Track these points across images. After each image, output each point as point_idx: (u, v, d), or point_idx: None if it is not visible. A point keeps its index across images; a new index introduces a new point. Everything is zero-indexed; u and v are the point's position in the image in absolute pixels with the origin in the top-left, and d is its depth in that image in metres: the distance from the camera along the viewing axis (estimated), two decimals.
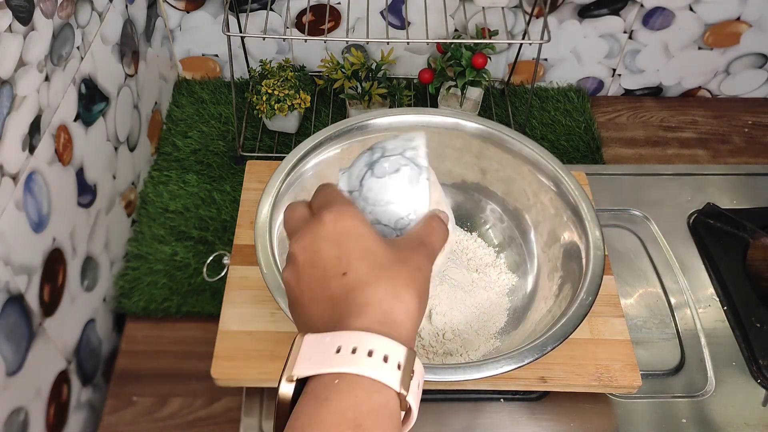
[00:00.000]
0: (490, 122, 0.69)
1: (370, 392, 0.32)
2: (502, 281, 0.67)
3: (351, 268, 0.37)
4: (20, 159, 0.57)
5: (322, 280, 0.37)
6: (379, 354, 0.33)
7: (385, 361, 0.33)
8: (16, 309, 0.57)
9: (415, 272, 0.37)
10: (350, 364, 0.33)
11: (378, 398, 0.33)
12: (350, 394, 0.32)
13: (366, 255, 0.37)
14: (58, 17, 0.64)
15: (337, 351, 0.33)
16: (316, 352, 0.34)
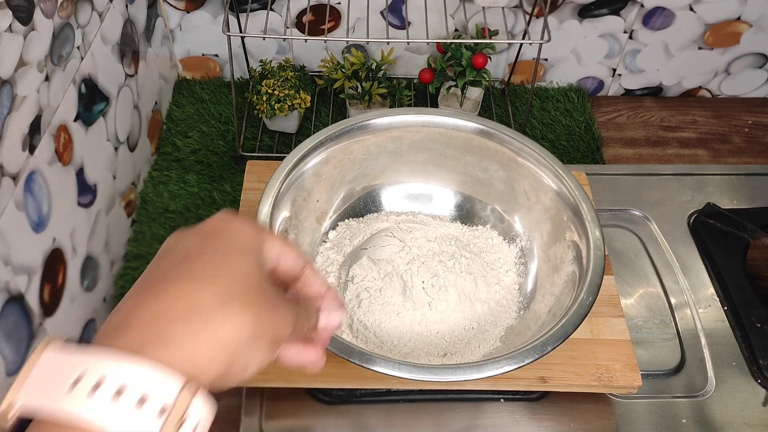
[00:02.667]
0: (490, 122, 0.68)
1: None
2: (506, 281, 0.67)
3: (193, 258, 0.29)
4: (20, 159, 0.57)
5: (158, 263, 0.30)
6: (131, 393, 0.24)
7: (139, 405, 0.24)
8: (16, 309, 0.57)
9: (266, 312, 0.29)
10: (81, 409, 0.23)
11: None
12: None
13: (221, 260, 0.29)
14: (58, 17, 0.64)
15: (74, 383, 0.24)
16: (51, 377, 0.25)
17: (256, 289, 0.29)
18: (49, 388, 0.24)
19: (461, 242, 0.69)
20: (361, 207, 0.73)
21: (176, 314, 0.26)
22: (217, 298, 0.27)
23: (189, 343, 0.26)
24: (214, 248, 0.30)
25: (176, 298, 0.27)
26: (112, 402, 0.24)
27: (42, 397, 0.24)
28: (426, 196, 0.74)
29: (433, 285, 0.62)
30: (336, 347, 0.52)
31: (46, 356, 0.25)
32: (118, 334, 0.26)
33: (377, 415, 0.63)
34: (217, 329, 0.26)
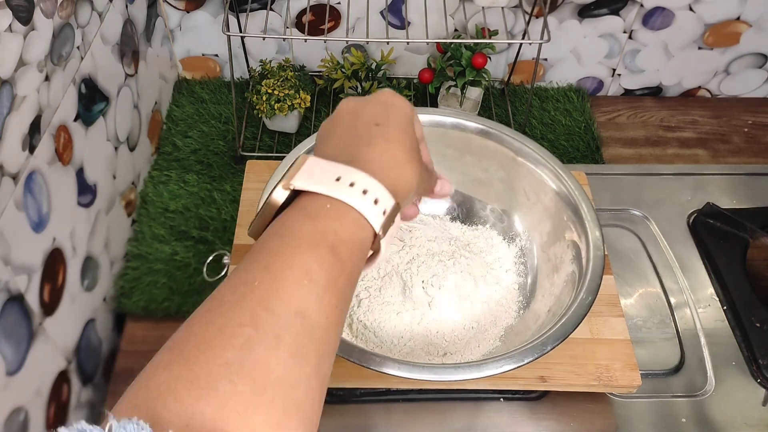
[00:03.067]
0: (490, 122, 0.69)
1: (354, 225, 0.35)
2: (506, 281, 0.67)
3: (384, 124, 0.40)
4: (20, 159, 0.58)
5: (354, 122, 0.41)
6: (372, 195, 0.36)
7: (375, 203, 0.36)
8: (16, 309, 0.57)
9: (422, 171, 0.41)
10: (345, 195, 0.35)
11: (359, 232, 0.35)
12: (337, 220, 0.34)
13: (400, 128, 0.40)
14: (58, 17, 0.64)
15: (336, 179, 0.35)
16: (318, 174, 0.36)
17: (418, 153, 0.41)
18: (318, 180, 0.35)
19: (461, 242, 0.69)
20: None
21: (386, 161, 0.38)
22: (406, 156, 0.40)
23: (394, 177, 0.38)
24: (395, 119, 0.41)
25: (384, 151, 0.39)
26: (362, 195, 0.35)
27: (315, 184, 0.35)
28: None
29: (433, 284, 0.62)
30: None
31: (311, 161, 0.37)
32: (350, 161, 0.37)
33: (377, 414, 0.63)
34: (407, 176, 0.39)
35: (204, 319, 0.30)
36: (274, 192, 0.36)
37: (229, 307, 0.31)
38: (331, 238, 0.34)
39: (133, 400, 0.27)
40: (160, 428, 0.25)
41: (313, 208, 0.35)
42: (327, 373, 0.33)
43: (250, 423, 0.27)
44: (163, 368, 0.28)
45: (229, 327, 0.29)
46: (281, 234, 0.34)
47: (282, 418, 0.28)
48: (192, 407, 0.26)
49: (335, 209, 0.35)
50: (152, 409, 0.26)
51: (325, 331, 0.32)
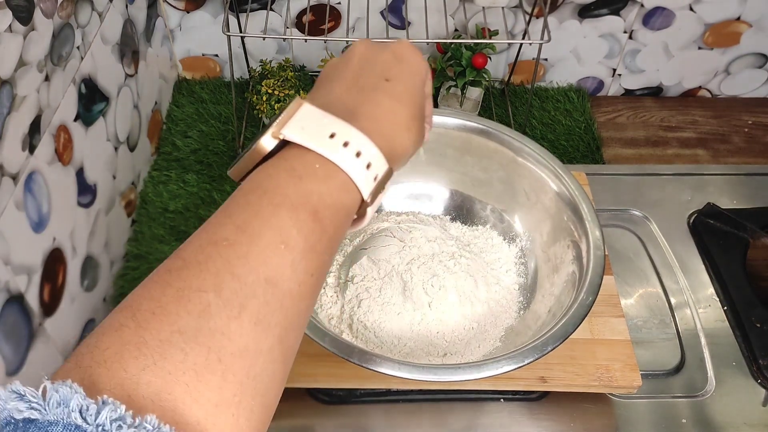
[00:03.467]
0: (490, 122, 0.68)
1: (342, 189, 0.33)
2: (506, 282, 0.67)
3: (394, 80, 0.38)
4: (20, 159, 0.57)
5: (362, 71, 0.38)
6: (365, 158, 0.33)
7: (367, 167, 0.34)
8: (16, 309, 0.57)
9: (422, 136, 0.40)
10: (337, 156, 0.33)
11: (345, 197, 0.33)
12: (324, 182, 0.32)
13: (410, 88, 0.39)
14: (58, 17, 0.64)
15: (330, 136, 0.33)
16: (311, 126, 0.34)
17: (422, 117, 0.40)
18: (311, 134, 0.33)
19: (461, 242, 0.69)
20: None
21: (388, 123, 0.36)
22: (410, 120, 0.38)
23: (392, 141, 0.36)
24: (406, 77, 0.39)
25: (388, 112, 0.37)
26: (355, 158, 0.33)
27: (307, 139, 0.33)
28: (426, 196, 0.74)
29: (433, 285, 0.62)
30: (336, 347, 0.52)
31: (306, 109, 0.34)
32: (350, 118, 0.35)
33: (377, 415, 0.63)
34: (406, 141, 0.37)
35: (162, 280, 0.28)
36: (262, 138, 0.33)
37: (192, 268, 0.28)
38: (314, 201, 0.31)
39: (79, 362, 0.25)
40: (95, 395, 0.23)
41: (300, 167, 0.32)
42: (293, 345, 0.31)
43: (198, 397, 0.25)
44: (113, 330, 0.26)
45: (188, 291, 0.27)
46: (263, 189, 0.31)
47: (237, 391, 0.26)
48: (137, 376, 0.24)
49: (324, 171, 0.32)
50: (95, 375, 0.25)
51: (297, 300, 0.30)
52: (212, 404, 0.25)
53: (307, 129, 0.33)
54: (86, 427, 0.22)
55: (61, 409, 0.22)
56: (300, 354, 0.64)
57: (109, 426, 0.22)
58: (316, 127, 0.33)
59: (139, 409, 0.24)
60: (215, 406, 0.25)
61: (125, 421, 0.22)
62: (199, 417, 0.25)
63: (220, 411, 0.25)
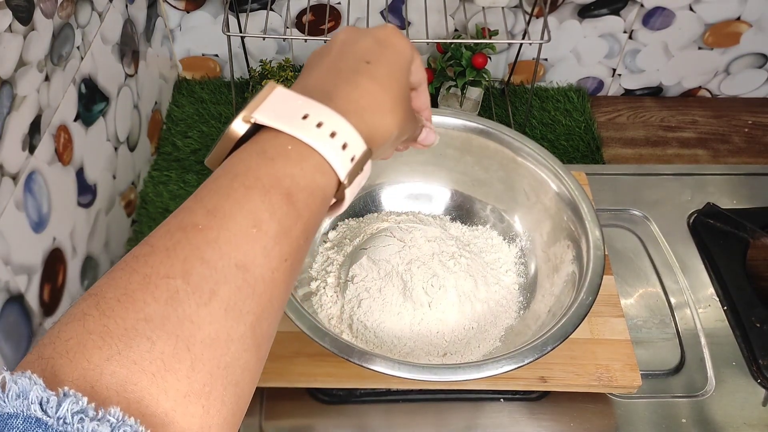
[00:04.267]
0: (490, 122, 0.69)
1: (316, 170, 0.32)
2: (506, 281, 0.67)
3: (375, 63, 0.37)
4: (20, 159, 0.57)
5: (342, 55, 0.38)
6: (340, 139, 0.32)
7: (343, 148, 0.33)
8: (16, 309, 0.57)
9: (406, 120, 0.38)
10: (310, 136, 0.32)
11: (320, 179, 0.32)
12: (297, 164, 0.31)
13: (392, 71, 0.38)
14: (58, 17, 0.64)
15: (303, 117, 0.32)
16: (283, 108, 0.33)
17: (407, 101, 0.39)
18: (283, 116, 0.32)
19: (461, 242, 0.69)
20: (361, 207, 0.73)
21: (366, 104, 0.35)
22: (392, 101, 0.37)
23: (372, 123, 0.35)
24: (388, 59, 0.38)
25: (366, 93, 0.36)
26: (329, 138, 0.32)
27: (278, 120, 0.32)
28: (426, 196, 0.74)
29: (433, 285, 0.62)
30: (336, 347, 0.52)
31: (279, 91, 0.34)
32: (326, 99, 0.34)
33: (377, 414, 0.63)
34: (387, 124, 0.36)
35: (129, 267, 0.27)
36: (233, 123, 0.33)
37: (159, 254, 0.27)
38: (288, 183, 0.30)
39: (41, 353, 0.24)
40: (56, 386, 0.22)
41: (272, 149, 0.31)
42: (267, 333, 0.30)
43: (166, 387, 0.24)
44: (76, 320, 0.25)
45: (155, 277, 0.26)
46: (234, 172, 0.30)
47: (206, 381, 0.25)
48: (101, 367, 0.23)
49: (297, 152, 0.31)
50: (57, 366, 0.24)
51: (270, 286, 0.29)
52: (181, 395, 0.24)
53: (278, 111, 0.32)
54: (47, 419, 0.21)
55: (20, 401, 0.22)
56: (300, 354, 0.64)
57: (71, 419, 0.21)
58: (289, 109, 0.33)
59: (103, 400, 0.23)
60: (184, 397, 0.24)
61: (87, 414, 0.22)
62: (166, 408, 0.24)
63: (190, 401, 0.25)
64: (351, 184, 0.34)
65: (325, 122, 0.32)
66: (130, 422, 0.22)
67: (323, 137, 0.32)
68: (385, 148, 0.38)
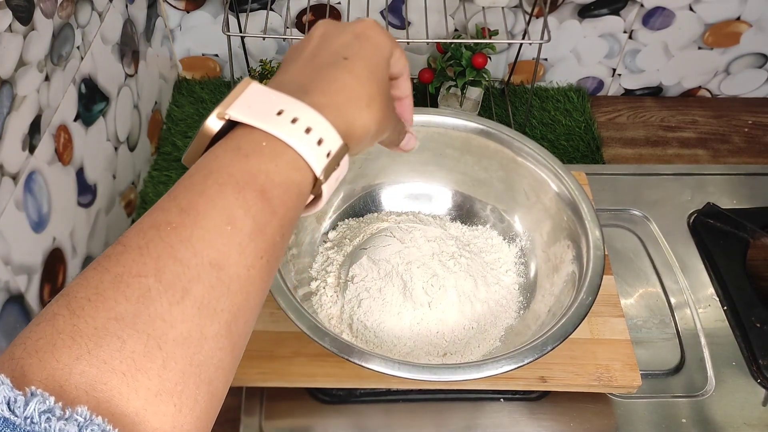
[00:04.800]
0: (490, 122, 0.69)
1: (291, 166, 0.31)
2: (506, 281, 0.67)
3: (353, 58, 0.37)
4: (20, 159, 0.57)
5: (320, 50, 0.37)
6: (315, 134, 0.32)
7: (318, 143, 0.32)
8: (16, 309, 0.57)
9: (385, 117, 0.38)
10: (284, 132, 0.31)
11: (296, 175, 0.32)
12: (271, 160, 0.31)
13: (370, 65, 0.37)
14: (58, 17, 0.64)
15: (278, 113, 0.32)
16: (258, 104, 0.32)
17: (385, 95, 0.38)
18: (257, 112, 0.32)
19: (461, 242, 0.69)
20: (361, 207, 0.73)
21: (343, 99, 0.35)
22: (369, 95, 0.36)
23: (349, 118, 0.35)
24: (365, 54, 0.37)
25: (343, 88, 0.35)
26: (304, 134, 0.32)
27: (252, 116, 0.32)
28: (426, 196, 0.74)
29: (433, 285, 0.62)
30: (336, 347, 0.52)
31: (253, 87, 0.33)
32: (302, 94, 0.33)
33: (377, 414, 0.63)
34: (364, 118, 0.36)
35: (101, 267, 0.27)
36: (208, 119, 0.32)
37: (132, 253, 0.27)
38: (262, 179, 0.30)
39: (12, 354, 0.24)
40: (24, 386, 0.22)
41: (246, 145, 0.31)
42: (243, 332, 0.29)
43: (136, 387, 0.24)
44: (46, 320, 0.25)
45: (127, 276, 0.26)
46: (208, 169, 0.30)
47: (179, 380, 0.25)
48: (70, 366, 0.23)
49: (271, 149, 0.31)
50: (26, 366, 0.23)
51: (246, 284, 0.29)
52: (152, 393, 0.24)
53: (253, 107, 0.32)
54: (14, 419, 0.21)
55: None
56: (300, 354, 0.64)
57: (38, 418, 0.21)
58: (263, 104, 0.32)
59: (72, 400, 0.23)
60: (155, 396, 0.24)
61: (54, 413, 0.22)
62: (137, 407, 0.24)
63: (161, 400, 0.25)
64: (327, 179, 0.34)
65: (300, 118, 0.32)
66: (97, 421, 0.22)
67: (298, 133, 0.32)
68: (364, 144, 0.37)
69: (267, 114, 0.32)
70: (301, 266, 0.66)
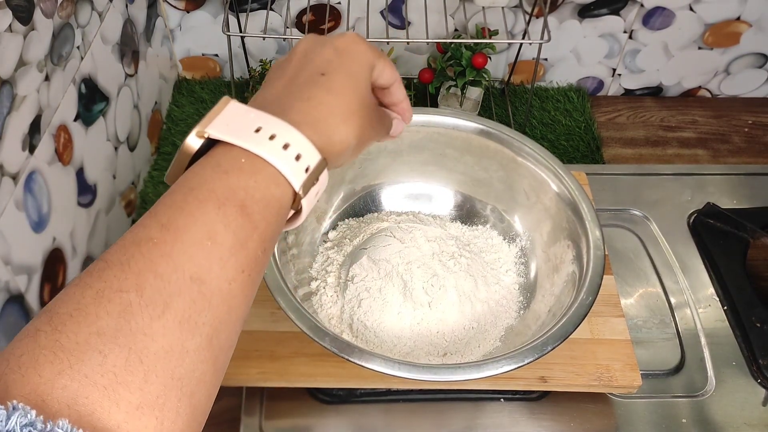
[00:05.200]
0: (490, 122, 0.69)
1: (270, 182, 0.32)
2: (506, 281, 0.67)
3: (331, 74, 0.37)
4: (20, 159, 0.57)
5: (300, 68, 0.38)
6: (293, 150, 0.33)
7: (296, 159, 0.33)
8: (16, 309, 0.57)
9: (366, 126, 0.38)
10: (263, 149, 0.32)
11: (275, 190, 0.32)
12: (251, 176, 0.32)
13: (350, 79, 0.38)
14: (58, 17, 0.64)
15: (256, 130, 0.33)
16: (237, 122, 0.33)
17: (366, 108, 0.38)
18: (235, 129, 0.33)
19: (461, 242, 0.69)
20: (361, 207, 0.73)
21: (320, 115, 0.36)
22: (347, 111, 0.37)
23: (327, 133, 0.35)
24: (345, 69, 0.38)
25: (320, 104, 0.36)
26: (282, 150, 0.33)
27: (231, 134, 0.33)
28: (426, 196, 0.74)
29: (433, 285, 0.62)
30: (336, 347, 0.52)
31: (232, 106, 0.34)
32: (280, 112, 0.34)
33: (377, 414, 0.63)
34: (342, 133, 0.36)
35: (83, 283, 0.27)
36: (188, 138, 0.33)
37: (113, 269, 0.27)
38: (242, 195, 0.31)
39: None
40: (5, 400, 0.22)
41: (225, 162, 0.32)
42: (225, 345, 0.30)
43: (118, 400, 0.24)
44: (29, 336, 0.25)
45: (108, 291, 0.26)
46: (189, 186, 0.31)
47: (160, 394, 0.26)
48: (52, 381, 0.24)
49: (250, 165, 0.32)
50: (9, 381, 0.24)
51: (227, 298, 0.29)
52: (133, 407, 0.25)
53: (231, 125, 0.33)
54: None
55: None
56: (300, 354, 0.64)
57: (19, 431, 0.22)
58: (242, 122, 0.33)
59: (53, 414, 0.23)
60: (137, 409, 0.25)
61: (35, 427, 0.22)
62: (118, 420, 0.24)
63: (143, 413, 0.25)
64: (307, 194, 0.34)
65: (278, 134, 0.33)
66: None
67: (276, 149, 0.32)
68: (345, 157, 0.38)
69: (245, 131, 0.33)
70: (301, 266, 0.66)
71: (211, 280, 0.29)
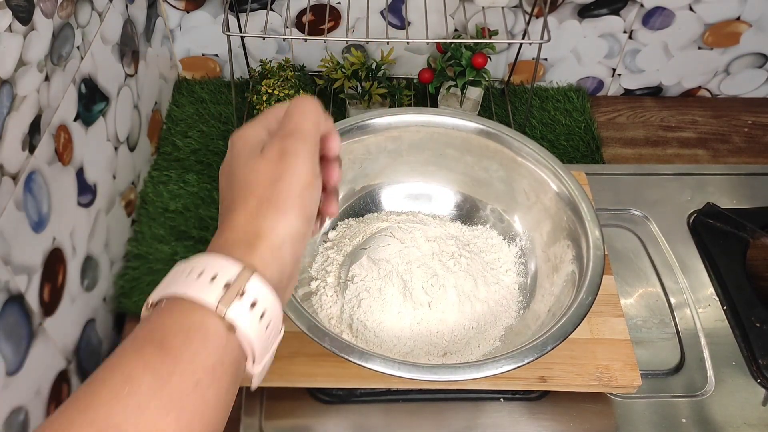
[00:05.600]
0: (489, 122, 0.69)
1: (185, 312, 0.32)
2: (506, 281, 0.67)
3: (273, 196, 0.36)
4: (20, 159, 0.58)
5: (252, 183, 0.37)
6: (207, 274, 0.33)
7: (211, 280, 0.33)
8: (16, 309, 0.57)
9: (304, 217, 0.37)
10: (177, 286, 0.33)
11: (192, 317, 0.32)
12: (164, 313, 0.32)
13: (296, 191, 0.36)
14: (58, 17, 0.64)
15: (188, 273, 0.33)
16: (175, 276, 0.34)
17: (309, 205, 0.37)
18: (172, 280, 0.34)
19: (461, 242, 0.69)
20: (361, 206, 0.73)
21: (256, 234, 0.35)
22: (295, 227, 0.36)
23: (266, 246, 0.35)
24: (288, 182, 0.36)
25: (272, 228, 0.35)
26: (210, 283, 0.32)
27: (167, 287, 0.33)
28: (426, 196, 0.74)
29: (433, 285, 0.62)
30: (336, 347, 0.52)
31: (177, 266, 0.35)
32: (217, 237, 0.36)
33: (377, 414, 0.63)
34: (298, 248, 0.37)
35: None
36: (142, 311, 0.34)
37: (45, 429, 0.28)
38: (158, 336, 0.31)
39: None
40: None
41: (152, 312, 0.33)
42: None
43: None
44: None
45: None
46: (121, 345, 0.32)
47: None
48: None
49: (169, 303, 0.32)
50: None
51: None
52: None
53: (169, 280, 0.34)
54: None
55: None
56: (300, 354, 0.64)
57: None
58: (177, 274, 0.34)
59: None
60: None
61: None
62: None
63: None
64: (229, 308, 0.33)
65: (206, 269, 0.33)
66: None
67: (189, 282, 0.33)
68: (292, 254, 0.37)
69: (178, 279, 0.33)
70: (301, 266, 0.66)
71: (129, 427, 0.28)
